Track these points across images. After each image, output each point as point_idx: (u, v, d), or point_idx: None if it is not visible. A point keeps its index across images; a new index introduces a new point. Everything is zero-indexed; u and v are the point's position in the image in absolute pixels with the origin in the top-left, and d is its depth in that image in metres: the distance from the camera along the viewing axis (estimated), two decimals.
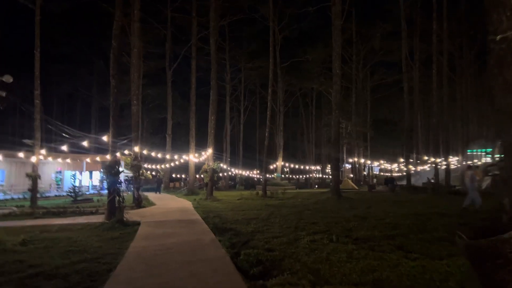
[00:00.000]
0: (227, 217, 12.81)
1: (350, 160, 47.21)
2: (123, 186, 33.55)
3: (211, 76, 23.67)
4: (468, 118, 40.55)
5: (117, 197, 11.37)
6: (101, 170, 11.90)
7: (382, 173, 53.28)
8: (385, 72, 46.62)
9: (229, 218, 12.35)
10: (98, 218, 12.34)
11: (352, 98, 42.00)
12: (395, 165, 49.56)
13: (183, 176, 45.42)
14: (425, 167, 41.34)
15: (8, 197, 26.29)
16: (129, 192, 25.13)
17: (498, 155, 40.19)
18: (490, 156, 41.83)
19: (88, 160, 29.02)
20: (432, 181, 24.11)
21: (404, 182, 28.90)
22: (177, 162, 32.26)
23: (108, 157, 15.03)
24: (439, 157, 25.30)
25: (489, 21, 4.41)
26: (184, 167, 34.68)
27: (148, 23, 34.87)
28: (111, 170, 10.91)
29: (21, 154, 21.34)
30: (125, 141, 16.48)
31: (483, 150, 42.94)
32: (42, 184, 32.52)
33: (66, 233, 9.95)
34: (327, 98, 47.66)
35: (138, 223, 11.20)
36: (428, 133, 49.92)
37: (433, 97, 22.21)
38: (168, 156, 29.89)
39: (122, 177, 31.59)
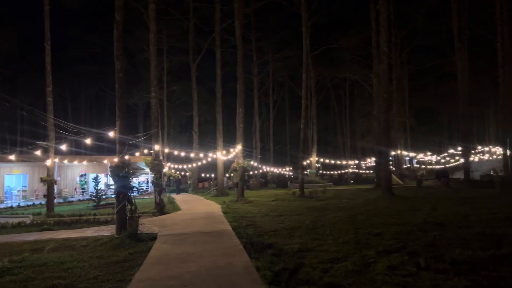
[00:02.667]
0: (262, 225, 10.46)
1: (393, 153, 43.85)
2: (148, 188, 32.21)
3: (237, 64, 21.42)
4: None
5: (128, 206, 9.24)
6: (109, 172, 10.10)
7: (422, 166, 49.44)
8: (424, 57, 42.94)
9: (266, 227, 10.00)
10: (111, 230, 10.34)
11: (392, 86, 38.62)
12: (438, 157, 45.76)
13: (212, 175, 43.54)
14: (476, 158, 37.62)
15: (30, 203, 25.13)
16: (168, 194, 23.38)
17: None
18: None
19: (106, 161, 27.49)
20: (494, 173, 20.98)
21: (457, 176, 25.67)
22: (204, 161, 30.26)
23: (126, 157, 13.06)
24: (502, 146, 21.93)
25: None
26: (213, 166, 32.72)
27: (169, 15, 32.96)
28: (118, 173, 8.78)
29: (40, 156, 19.85)
30: (143, 138, 14.42)
31: None
32: (66, 188, 31.55)
33: (63, 252, 7.95)
34: (361, 88, 44.46)
35: (155, 237, 9.05)
36: (472, 122, 45.86)
37: (500, 76, 18.96)
38: (194, 155, 27.86)
39: (149, 177, 30.25)
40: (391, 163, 34.13)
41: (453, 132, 47.18)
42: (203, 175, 42.53)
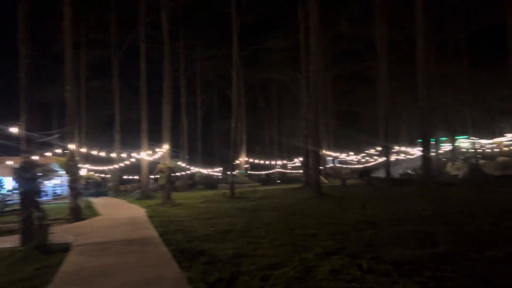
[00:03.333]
0: (192, 230, 9.72)
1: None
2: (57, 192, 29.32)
3: (164, 59, 20.31)
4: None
5: (36, 212, 7.96)
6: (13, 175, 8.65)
7: (344, 165, 51.76)
8: (347, 61, 44.88)
9: (196, 232, 9.28)
10: (15, 241, 8.88)
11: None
12: (359, 157, 48.19)
13: (136, 177, 41.28)
14: (394, 158, 40.15)
15: None
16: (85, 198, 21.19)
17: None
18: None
19: (13, 163, 24.51)
20: (413, 172, 22.43)
21: (378, 174, 27.02)
22: (127, 162, 28.44)
23: (35, 157, 11.49)
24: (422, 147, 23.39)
25: None
26: (138, 167, 30.92)
27: (89, 3, 30.55)
28: (23, 175, 7.50)
29: None
30: (56, 136, 12.86)
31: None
32: None
33: None
34: (289, 89, 45.26)
35: (68, 248, 7.89)
36: (394, 122, 49.12)
37: (419, 79, 20.17)
38: (116, 155, 26.01)
39: (64, 180, 27.51)
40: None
41: (373, 133, 50.00)
42: (125, 177, 40.17)
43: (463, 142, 44.92)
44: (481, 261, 5.11)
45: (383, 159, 33.25)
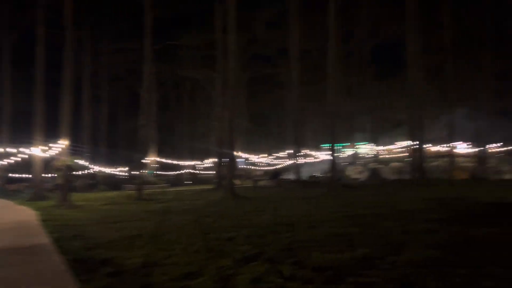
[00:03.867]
0: (94, 235, 8.64)
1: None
2: None
3: (65, 47, 18.32)
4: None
5: None
6: None
7: (254, 167, 52.55)
8: (260, 64, 45.65)
9: (98, 238, 8.24)
10: None
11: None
12: (270, 159, 49.28)
13: (29, 176, 37.03)
14: (303, 160, 41.71)
15: None
16: None
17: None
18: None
19: None
20: (322, 175, 23.40)
21: (288, 176, 27.69)
22: (19, 158, 25.22)
23: None
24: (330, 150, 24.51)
25: None
26: (30, 165, 27.60)
27: None
28: None
29: None
30: None
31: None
32: None
33: None
34: (203, 88, 44.53)
35: None
36: (301, 127, 51.16)
37: (329, 87, 21.05)
38: (2, 151, 22.81)
39: None
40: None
41: (283, 136, 51.50)
42: (15, 175, 35.77)
43: (362, 148, 48.53)
44: (400, 264, 5.12)
45: (292, 161, 34.30)
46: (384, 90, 42.94)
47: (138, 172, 20.80)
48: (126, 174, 41.35)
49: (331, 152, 20.83)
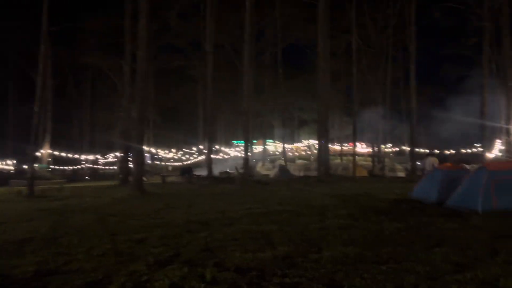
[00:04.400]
0: None
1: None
2: None
3: None
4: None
5: None
6: None
7: (163, 162, 50.73)
8: (170, 56, 44.08)
9: None
10: None
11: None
12: (179, 154, 47.96)
13: None
14: (214, 156, 41.26)
15: None
16: None
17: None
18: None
19: None
20: (229, 170, 23.29)
21: (199, 172, 27.04)
22: None
23: None
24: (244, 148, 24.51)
25: None
26: None
27: None
28: None
29: None
30: None
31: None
32: None
33: None
34: (107, 77, 41.49)
35: None
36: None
37: (245, 84, 20.94)
38: None
39: None
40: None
41: (193, 131, 50.67)
42: None
43: (271, 145, 49.92)
44: (323, 262, 5.06)
45: (203, 157, 33.79)
46: (292, 89, 44.47)
47: (29, 166, 18.47)
48: (14, 167, 36.90)
49: (243, 149, 20.82)
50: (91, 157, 45.99)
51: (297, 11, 34.52)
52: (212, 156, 27.26)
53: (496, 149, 28.91)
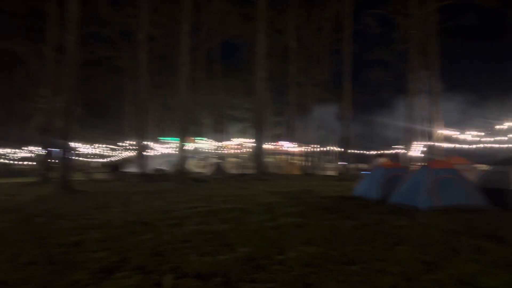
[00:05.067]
0: None
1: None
2: None
3: None
4: None
5: None
6: None
7: (88, 159, 47.33)
8: (98, 45, 41.18)
9: None
10: None
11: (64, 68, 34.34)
12: (108, 150, 45.00)
13: None
14: (147, 152, 39.25)
15: None
16: None
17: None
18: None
19: None
20: (163, 168, 22.17)
21: (130, 169, 25.40)
22: None
23: None
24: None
25: None
26: None
27: None
28: None
29: None
30: None
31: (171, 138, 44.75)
32: None
33: None
34: (25, 64, 37.56)
35: None
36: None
37: (181, 79, 19.94)
38: None
39: None
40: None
41: (120, 126, 48.10)
42: None
43: (202, 143, 49.02)
44: (289, 264, 4.75)
45: (132, 153, 32.06)
46: (226, 87, 43.98)
47: None
48: None
49: (178, 145, 19.95)
50: (1, 151, 41.55)
51: (234, 7, 34.10)
52: (146, 152, 25.94)
53: (416, 151, 31.02)
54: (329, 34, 34.95)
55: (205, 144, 48.99)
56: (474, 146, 27.63)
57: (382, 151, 42.98)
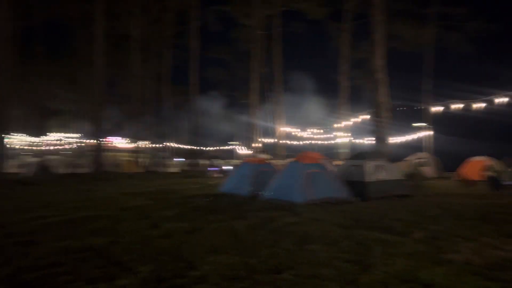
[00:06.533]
0: None
1: None
2: None
3: None
4: None
5: None
6: None
7: None
8: None
9: None
10: None
11: None
12: None
13: None
14: None
15: None
16: None
17: None
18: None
19: None
20: None
21: None
22: None
23: None
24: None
25: None
26: None
27: None
28: None
29: None
30: None
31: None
32: None
33: None
34: None
35: None
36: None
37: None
38: None
39: None
40: None
41: None
42: None
43: (13, 138, 41.44)
44: (212, 280, 3.97)
45: None
46: (45, 74, 37.91)
47: None
48: None
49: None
50: None
51: None
52: None
53: (251, 147, 32.61)
54: (171, 27, 33.80)
55: (17, 139, 41.56)
56: (309, 142, 30.79)
57: (217, 147, 44.00)
